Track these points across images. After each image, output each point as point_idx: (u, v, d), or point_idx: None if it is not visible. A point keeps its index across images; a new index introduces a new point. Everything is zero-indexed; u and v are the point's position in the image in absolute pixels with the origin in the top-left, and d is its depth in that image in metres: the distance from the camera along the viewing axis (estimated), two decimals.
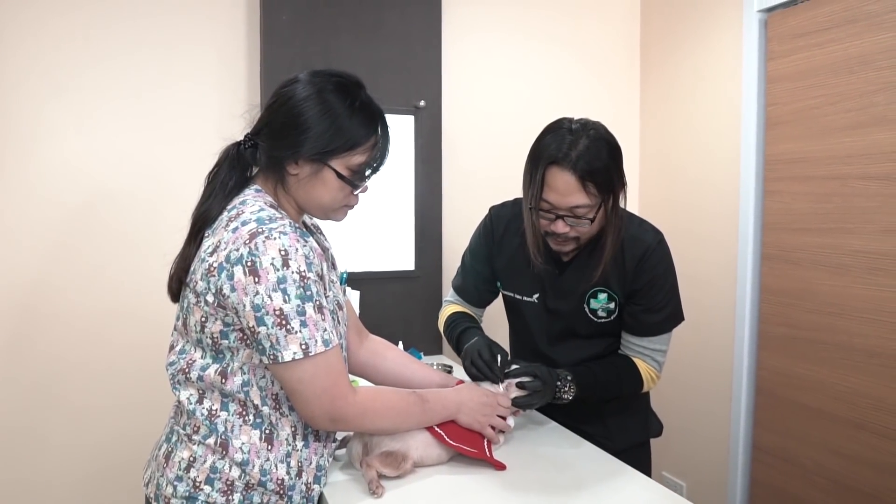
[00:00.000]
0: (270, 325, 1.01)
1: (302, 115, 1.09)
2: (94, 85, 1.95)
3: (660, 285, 1.42)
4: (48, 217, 1.93)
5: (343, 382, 1.08)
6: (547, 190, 1.31)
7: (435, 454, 1.24)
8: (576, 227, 1.33)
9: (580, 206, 1.30)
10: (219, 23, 2.06)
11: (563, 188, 1.29)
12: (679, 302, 1.49)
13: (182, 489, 1.07)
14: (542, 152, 1.32)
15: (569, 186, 1.28)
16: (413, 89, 2.20)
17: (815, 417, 1.90)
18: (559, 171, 1.29)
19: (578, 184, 1.28)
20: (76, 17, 1.92)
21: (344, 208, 1.18)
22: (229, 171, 1.16)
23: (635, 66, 2.63)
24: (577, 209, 1.30)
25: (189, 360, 1.10)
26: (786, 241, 1.98)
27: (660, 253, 1.42)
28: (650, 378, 1.47)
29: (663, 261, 1.43)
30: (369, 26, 2.14)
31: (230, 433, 1.08)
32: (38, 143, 1.91)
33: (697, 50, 2.32)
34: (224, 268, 1.02)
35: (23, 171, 1.90)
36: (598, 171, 1.28)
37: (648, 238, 1.42)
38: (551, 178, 1.30)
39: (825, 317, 1.86)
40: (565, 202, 1.30)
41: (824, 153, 1.85)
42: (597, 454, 1.33)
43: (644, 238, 1.42)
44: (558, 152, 1.29)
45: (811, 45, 1.88)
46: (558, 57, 2.51)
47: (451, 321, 1.57)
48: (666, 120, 2.50)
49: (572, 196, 1.29)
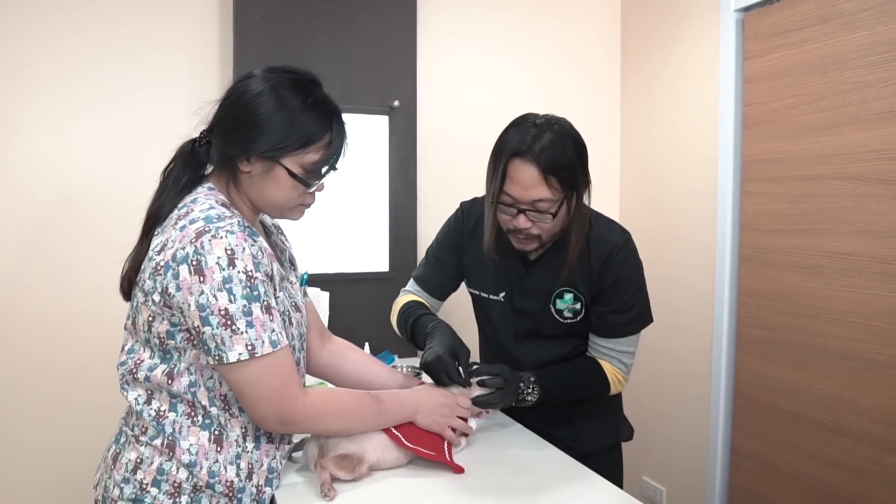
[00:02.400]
0: (215, 326, 0.99)
1: (253, 111, 1.07)
2: (66, 86, 1.93)
3: (626, 286, 1.40)
4: (20, 216, 1.92)
5: (292, 384, 1.06)
6: (509, 183, 1.29)
7: (392, 457, 1.21)
8: (538, 222, 1.31)
9: (542, 200, 1.28)
10: (191, 24, 2.05)
11: (526, 181, 1.27)
12: (647, 303, 1.46)
13: (129, 491, 1.05)
14: (505, 145, 1.30)
15: (531, 179, 1.26)
16: (387, 89, 2.19)
17: (791, 421, 1.88)
18: (522, 163, 1.27)
19: (541, 177, 1.26)
20: (49, 20, 1.91)
21: (299, 207, 1.16)
22: (182, 169, 1.15)
23: (615, 67, 2.62)
24: (539, 203, 1.28)
25: (137, 359, 1.08)
26: (762, 243, 1.97)
27: (626, 252, 1.40)
28: (617, 381, 1.45)
29: (629, 260, 1.41)
30: (343, 26, 2.12)
31: (178, 434, 1.06)
32: (9, 143, 1.90)
33: (676, 50, 2.31)
34: (170, 266, 1.00)
35: None
36: (562, 167, 1.27)
37: (615, 238, 1.40)
38: (514, 170, 1.28)
39: (802, 319, 1.84)
40: (527, 195, 1.27)
41: (799, 153, 1.83)
42: (560, 458, 1.30)
43: (610, 238, 1.40)
44: (521, 145, 1.27)
45: (786, 45, 1.87)
46: (537, 58, 2.49)
47: (405, 309, 1.54)
48: (646, 122, 2.48)
49: (534, 189, 1.27)
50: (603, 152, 2.61)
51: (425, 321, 1.45)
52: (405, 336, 1.53)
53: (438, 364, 1.31)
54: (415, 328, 1.48)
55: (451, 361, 1.31)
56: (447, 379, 1.31)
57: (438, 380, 1.32)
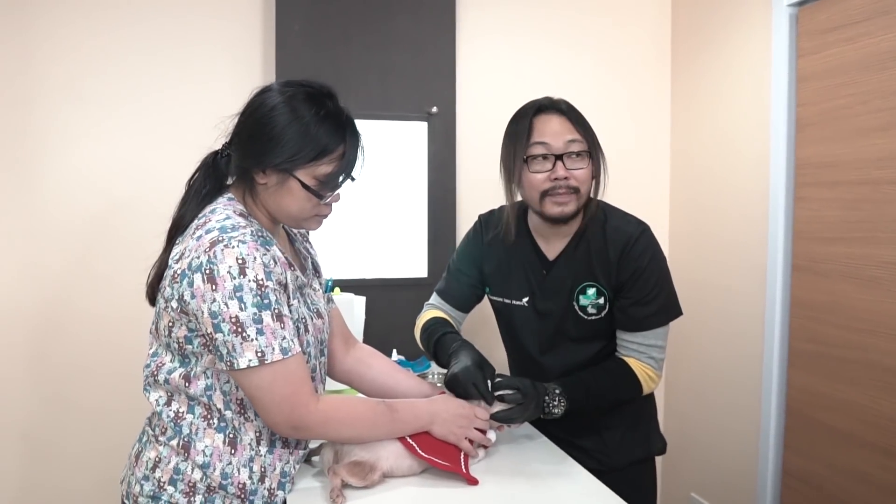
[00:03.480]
0: (227, 332, 1.02)
1: (267, 124, 1.10)
2: (110, 94, 2.04)
3: (646, 276, 1.38)
4: (63, 224, 2.03)
5: (303, 390, 1.08)
6: (540, 135, 1.35)
7: (406, 465, 1.22)
8: (573, 170, 1.34)
9: (575, 141, 1.34)
10: (233, 41, 2.12)
11: (557, 127, 1.34)
12: (672, 295, 1.43)
13: (148, 488, 1.10)
14: (524, 113, 1.39)
15: (562, 126, 1.34)
16: (426, 95, 2.20)
17: (843, 442, 1.76)
18: (548, 115, 1.36)
19: (569, 122, 1.34)
20: (99, 38, 2.03)
21: (315, 217, 1.18)
22: (204, 180, 1.19)
23: (665, 66, 2.53)
24: (572, 144, 1.34)
25: (159, 362, 1.13)
26: (815, 251, 1.85)
27: (643, 242, 1.38)
28: (647, 377, 1.40)
29: (647, 251, 1.38)
30: (381, 34, 2.15)
31: (194, 436, 1.10)
32: (62, 152, 2.02)
33: (727, 47, 2.20)
34: (186, 275, 1.04)
35: (38, 179, 2.02)
36: (582, 120, 1.37)
37: (630, 229, 1.40)
38: (541, 123, 1.36)
39: (855, 333, 1.72)
40: (561, 139, 1.33)
41: (854, 156, 1.71)
42: (579, 474, 1.27)
43: (626, 229, 1.40)
44: (545, 101, 1.37)
45: (841, 41, 1.75)
46: (582, 59, 2.44)
47: (428, 326, 1.54)
48: (696, 123, 2.39)
49: (567, 133, 1.34)
50: (653, 154, 2.53)
51: (450, 340, 1.45)
52: (428, 352, 1.54)
53: (467, 374, 1.29)
54: (438, 346, 1.48)
55: (479, 373, 1.30)
56: (475, 390, 1.29)
57: (466, 391, 1.30)
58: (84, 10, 2.01)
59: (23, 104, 1.99)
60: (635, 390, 1.41)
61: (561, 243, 1.45)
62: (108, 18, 2.03)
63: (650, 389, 1.43)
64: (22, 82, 1.99)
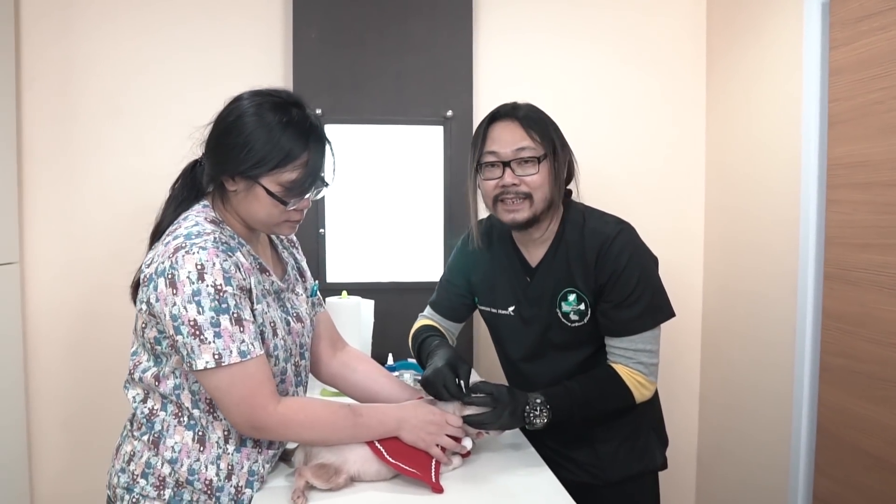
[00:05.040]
0: (186, 335, 1.07)
1: (233, 132, 1.14)
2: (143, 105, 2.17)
3: (626, 277, 1.33)
4: (103, 225, 2.17)
5: (262, 392, 1.11)
6: (490, 143, 1.36)
7: (373, 470, 1.22)
8: (524, 176, 1.32)
9: (525, 148, 1.33)
10: (257, 50, 2.20)
11: (508, 135, 1.34)
12: (659, 295, 1.37)
13: (123, 480, 1.16)
14: (481, 123, 1.39)
15: (513, 133, 1.34)
16: (442, 99, 2.20)
17: (875, 467, 1.61)
18: (501, 123, 1.36)
19: (521, 129, 1.33)
20: (128, 47, 2.17)
21: (286, 223, 1.20)
22: (181, 188, 1.25)
23: (700, 63, 2.41)
24: (521, 151, 1.33)
25: (137, 361, 1.19)
26: (846, 259, 1.71)
27: (621, 242, 1.33)
28: (637, 384, 1.35)
29: (626, 250, 1.33)
30: (396, 38, 2.16)
31: (165, 432, 1.15)
32: (101, 160, 2.17)
33: (760, 40, 2.07)
34: (152, 279, 1.10)
35: (80, 185, 2.17)
36: (539, 122, 1.36)
37: (608, 229, 1.36)
38: (495, 131, 1.36)
39: (887, 348, 1.57)
40: (510, 146, 1.33)
41: (886, 155, 1.57)
42: (551, 488, 1.23)
43: (602, 229, 1.36)
44: (502, 109, 1.37)
45: (874, 30, 1.60)
46: (609, 57, 2.35)
47: (417, 334, 1.56)
48: (729, 121, 2.26)
49: (516, 140, 1.33)
50: (688, 156, 2.42)
51: (430, 342, 1.46)
52: (417, 360, 1.54)
53: (437, 376, 1.30)
54: (420, 351, 1.49)
55: (450, 374, 1.30)
56: (445, 392, 1.29)
57: (437, 392, 1.30)
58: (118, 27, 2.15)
59: (67, 118, 2.15)
60: (625, 399, 1.35)
61: (541, 249, 1.42)
62: (140, 35, 2.17)
63: (643, 397, 1.37)
64: (65, 97, 2.15)
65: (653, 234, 1.54)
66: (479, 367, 2.30)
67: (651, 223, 2.34)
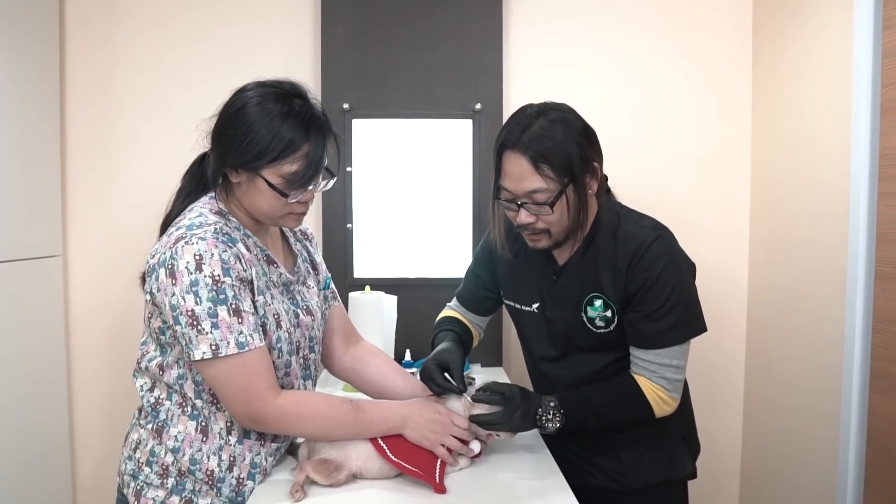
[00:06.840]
0: (184, 325, 1.07)
1: (235, 124, 1.14)
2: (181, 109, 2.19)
3: (658, 288, 1.24)
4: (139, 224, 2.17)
5: (260, 384, 1.10)
6: (504, 177, 1.26)
7: (376, 468, 1.20)
8: (540, 216, 1.24)
9: (537, 192, 1.22)
10: (288, 47, 2.21)
11: (517, 173, 1.23)
12: (691, 308, 1.28)
13: (130, 467, 1.18)
14: (499, 139, 1.27)
15: (522, 170, 1.22)
16: (471, 93, 2.15)
17: None
18: (512, 155, 1.24)
19: (531, 166, 1.21)
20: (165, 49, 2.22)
21: (290, 216, 1.20)
22: (189, 180, 1.26)
23: (746, 50, 2.27)
24: (534, 194, 1.22)
25: (145, 350, 1.21)
26: None
27: (656, 250, 1.24)
28: (658, 399, 1.28)
29: (661, 259, 1.24)
30: (425, 33, 2.13)
31: (169, 421, 1.16)
32: (139, 159, 2.23)
33: (807, 24, 1.94)
34: (155, 269, 1.11)
35: (118, 185, 2.24)
36: (553, 153, 1.21)
37: (643, 234, 1.26)
38: (506, 163, 1.25)
39: None
40: (521, 188, 1.23)
41: None
42: (559, 491, 1.18)
43: (638, 234, 1.27)
44: (510, 136, 1.24)
45: None
46: (646, 46, 2.25)
47: (436, 327, 1.54)
48: (775, 110, 2.12)
49: (526, 181, 1.22)
50: (733, 148, 2.29)
51: (440, 337, 1.44)
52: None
53: (423, 373, 1.28)
54: (433, 344, 1.47)
55: (435, 368, 1.28)
56: (435, 386, 1.27)
57: (430, 389, 1.29)
58: (155, 31, 2.22)
59: (108, 117, 2.23)
60: (644, 412, 1.29)
61: (570, 248, 1.35)
62: (176, 38, 2.22)
63: (663, 413, 1.30)
64: (106, 97, 2.22)
65: (695, 233, 1.45)
66: (510, 369, 2.25)
67: (693, 221, 2.25)
